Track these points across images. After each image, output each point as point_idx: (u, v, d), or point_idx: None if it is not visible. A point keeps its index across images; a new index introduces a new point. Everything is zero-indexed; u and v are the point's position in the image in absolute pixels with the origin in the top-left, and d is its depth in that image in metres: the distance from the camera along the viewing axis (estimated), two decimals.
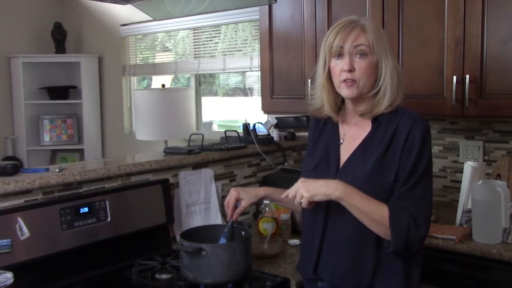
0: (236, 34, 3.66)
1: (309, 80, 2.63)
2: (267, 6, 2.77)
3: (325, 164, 1.61)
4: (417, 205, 1.47)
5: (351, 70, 1.52)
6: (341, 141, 1.63)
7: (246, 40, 3.56)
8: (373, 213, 1.46)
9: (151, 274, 1.84)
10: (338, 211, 1.52)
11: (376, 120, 1.56)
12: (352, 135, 1.61)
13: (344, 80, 1.53)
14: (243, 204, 1.73)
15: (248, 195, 1.73)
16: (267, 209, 2.22)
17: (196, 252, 1.66)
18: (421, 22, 2.30)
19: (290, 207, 1.93)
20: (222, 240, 1.76)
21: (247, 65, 3.49)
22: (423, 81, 2.29)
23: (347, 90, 1.54)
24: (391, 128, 1.52)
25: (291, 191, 1.52)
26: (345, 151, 1.60)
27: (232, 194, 1.73)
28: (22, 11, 4.57)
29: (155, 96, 3.51)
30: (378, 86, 1.54)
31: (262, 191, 1.79)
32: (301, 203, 1.48)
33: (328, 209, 1.56)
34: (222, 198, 2.46)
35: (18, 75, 4.41)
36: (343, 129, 1.64)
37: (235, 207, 1.73)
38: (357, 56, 1.52)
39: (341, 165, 1.58)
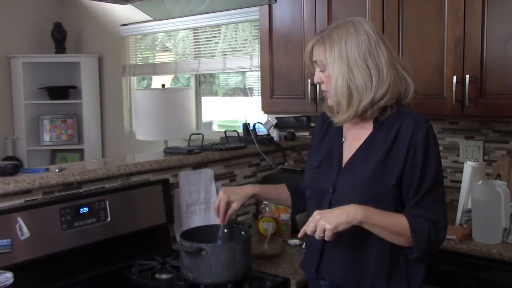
0: (236, 34, 3.66)
1: (309, 80, 2.64)
2: (267, 6, 2.77)
3: (328, 162, 1.62)
4: (433, 210, 1.48)
5: (319, 82, 1.59)
6: (343, 139, 1.63)
7: (246, 40, 3.56)
8: (394, 227, 1.46)
9: (151, 274, 1.84)
10: None
11: (377, 121, 1.56)
12: (354, 134, 1.60)
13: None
14: (234, 207, 1.72)
15: (238, 196, 1.72)
16: (267, 209, 2.22)
17: (196, 252, 1.66)
18: (421, 22, 2.31)
19: (278, 202, 1.93)
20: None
21: (247, 65, 3.49)
22: (423, 81, 2.29)
23: (326, 101, 1.61)
24: (394, 129, 1.51)
25: (309, 227, 1.43)
26: (348, 150, 1.60)
27: (223, 197, 1.71)
28: (22, 11, 4.57)
29: (155, 96, 3.51)
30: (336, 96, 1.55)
31: (250, 190, 1.76)
32: (321, 236, 1.41)
33: (331, 208, 1.56)
34: None
35: (18, 75, 4.41)
36: (345, 127, 1.64)
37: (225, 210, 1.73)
38: (319, 69, 1.58)
39: (343, 163, 1.58)
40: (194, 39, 3.89)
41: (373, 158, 1.51)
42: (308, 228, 1.44)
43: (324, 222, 1.40)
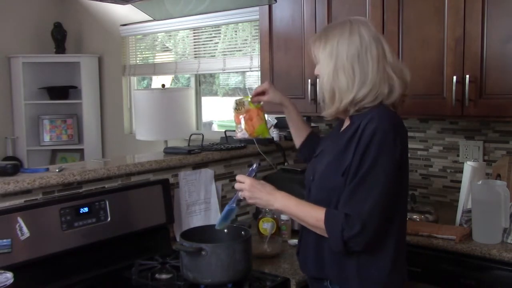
0: (236, 34, 3.66)
1: (309, 80, 2.64)
2: (267, 6, 2.77)
3: (323, 153, 1.66)
4: (356, 205, 1.44)
5: (317, 74, 1.64)
6: (341, 131, 1.66)
7: (246, 40, 3.56)
8: (307, 219, 1.53)
9: (151, 274, 1.84)
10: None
11: (351, 119, 1.59)
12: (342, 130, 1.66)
13: None
14: (265, 98, 1.95)
15: (274, 95, 1.95)
16: (267, 209, 2.22)
17: (196, 252, 1.66)
18: (421, 22, 2.31)
19: (295, 132, 2.05)
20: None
21: (247, 65, 3.49)
22: (423, 81, 2.29)
23: None
24: (354, 126, 1.52)
25: (242, 189, 1.62)
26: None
27: (263, 86, 1.95)
28: (22, 11, 4.57)
29: (155, 96, 3.51)
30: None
31: (286, 102, 1.97)
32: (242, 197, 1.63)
33: (310, 193, 1.62)
34: (222, 198, 2.46)
35: (18, 75, 4.41)
36: (346, 121, 1.67)
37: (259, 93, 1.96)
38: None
39: None
40: (194, 39, 3.89)
41: (333, 151, 1.56)
42: (236, 185, 1.63)
43: (248, 193, 1.60)
